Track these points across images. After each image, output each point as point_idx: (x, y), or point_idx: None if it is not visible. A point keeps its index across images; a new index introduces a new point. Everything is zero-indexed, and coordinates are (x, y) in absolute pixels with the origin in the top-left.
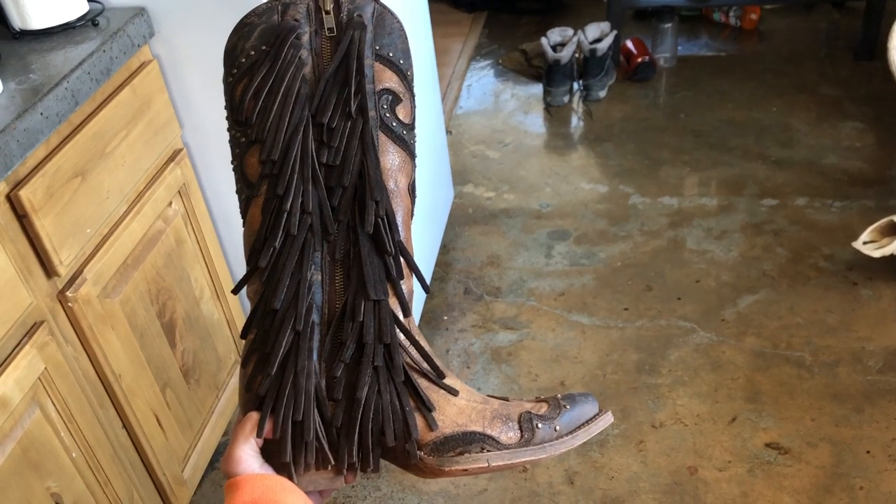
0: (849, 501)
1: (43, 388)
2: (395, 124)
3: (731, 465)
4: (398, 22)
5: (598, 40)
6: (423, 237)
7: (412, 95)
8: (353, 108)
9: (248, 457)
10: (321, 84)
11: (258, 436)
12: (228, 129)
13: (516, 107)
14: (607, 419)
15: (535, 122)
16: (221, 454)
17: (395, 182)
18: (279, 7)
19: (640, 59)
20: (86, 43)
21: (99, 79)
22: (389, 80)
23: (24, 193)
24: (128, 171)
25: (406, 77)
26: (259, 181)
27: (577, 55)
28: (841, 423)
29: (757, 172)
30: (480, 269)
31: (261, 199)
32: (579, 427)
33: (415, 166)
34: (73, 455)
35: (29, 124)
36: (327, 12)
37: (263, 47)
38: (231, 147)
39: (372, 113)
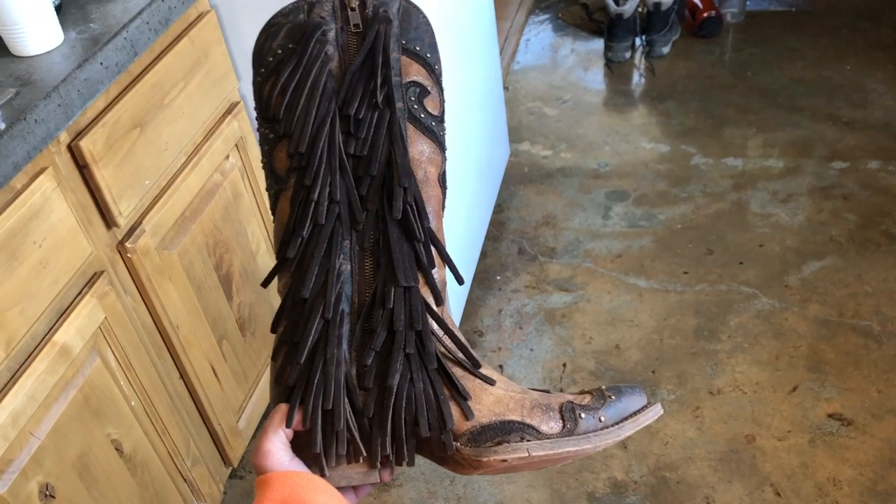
0: None
1: (103, 336)
2: (423, 116)
3: (791, 434)
4: (424, 17)
5: None
6: (478, 196)
7: (441, 89)
8: (380, 98)
9: (277, 450)
10: (347, 77)
11: (287, 426)
12: (258, 129)
13: (575, 62)
14: (656, 411)
15: (595, 79)
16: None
17: (424, 172)
18: (305, 6)
19: (706, 14)
20: None
21: (157, 29)
22: (417, 74)
23: (85, 144)
24: (186, 122)
25: (434, 70)
26: (287, 175)
27: (640, 9)
28: None
29: (827, 134)
30: (535, 228)
31: (289, 192)
32: (626, 418)
33: (445, 158)
34: (132, 403)
35: (89, 74)
36: (352, 9)
37: (290, 45)
38: (260, 145)
39: (399, 104)
